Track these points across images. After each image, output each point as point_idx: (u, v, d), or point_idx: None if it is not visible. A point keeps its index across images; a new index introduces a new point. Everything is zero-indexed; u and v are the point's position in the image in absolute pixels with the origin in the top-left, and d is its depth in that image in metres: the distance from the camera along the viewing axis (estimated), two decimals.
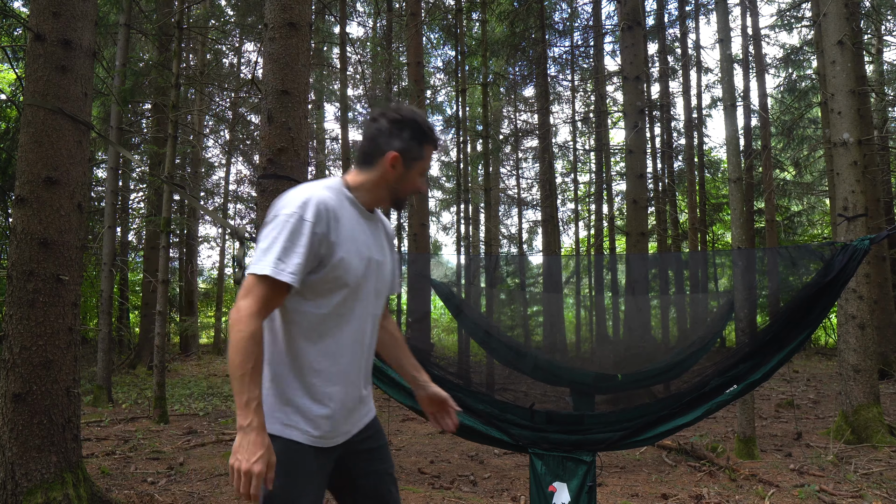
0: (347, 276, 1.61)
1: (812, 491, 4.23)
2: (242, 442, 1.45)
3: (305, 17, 4.91)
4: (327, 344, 1.63)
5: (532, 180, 21.59)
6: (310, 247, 1.54)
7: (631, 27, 8.51)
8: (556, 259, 5.50)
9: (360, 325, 1.69)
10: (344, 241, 1.61)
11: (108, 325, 8.53)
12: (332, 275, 1.60)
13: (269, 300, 1.53)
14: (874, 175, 10.34)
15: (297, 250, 1.53)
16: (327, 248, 1.58)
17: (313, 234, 1.55)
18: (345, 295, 1.63)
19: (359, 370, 1.72)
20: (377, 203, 1.74)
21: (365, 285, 1.68)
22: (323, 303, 1.61)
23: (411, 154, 1.69)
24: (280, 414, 1.61)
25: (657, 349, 3.51)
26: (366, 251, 1.68)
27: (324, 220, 1.57)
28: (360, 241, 1.67)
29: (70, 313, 3.36)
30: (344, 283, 1.61)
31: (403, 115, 1.69)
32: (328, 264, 1.59)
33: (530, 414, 2.51)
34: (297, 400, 1.62)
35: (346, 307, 1.64)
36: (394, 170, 1.69)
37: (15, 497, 3.07)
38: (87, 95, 3.53)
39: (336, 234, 1.60)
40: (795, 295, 2.47)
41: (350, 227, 1.64)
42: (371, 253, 1.70)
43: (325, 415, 1.63)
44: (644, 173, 8.68)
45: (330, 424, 1.65)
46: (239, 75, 16.34)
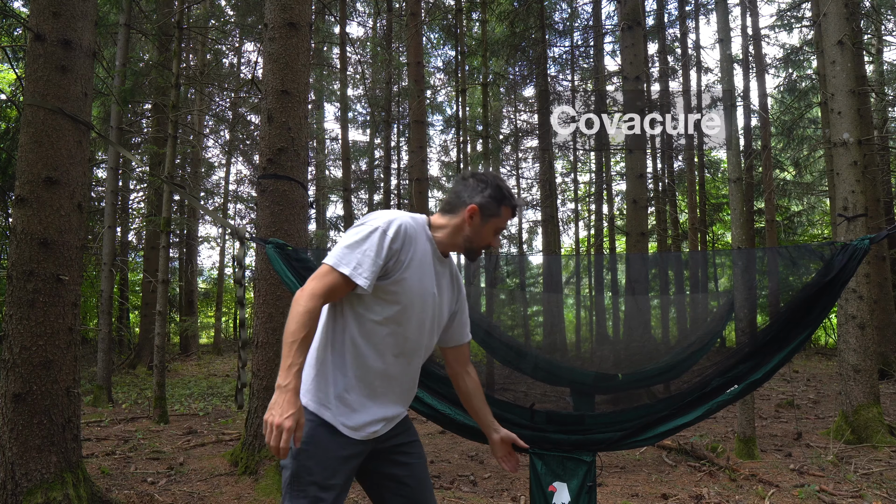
0: (403, 295, 1.79)
1: (812, 491, 4.23)
2: (278, 399, 1.59)
3: (305, 17, 4.91)
4: (372, 348, 1.80)
5: (532, 180, 21.59)
6: (384, 258, 1.74)
7: (631, 27, 8.51)
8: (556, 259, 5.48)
9: (405, 346, 1.84)
10: (411, 265, 1.80)
11: (108, 325, 8.53)
12: (391, 288, 1.77)
13: (333, 290, 1.72)
14: (874, 175, 10.34)
15: (374, 259, 1.72)
16: (395, 263, 1.77)
17: (390, 249, 1.74)
18: (397, 311, 1.79)
19: (396, 386, 1.86)
20: (451, 248, 1.93)
21: (420, 313, 1.84)
22: (377, 310, 1.79)
23: (489, 210, 1.88)
24: (321, 394, 1.78)
25: (657, 349, 3.51)
26: (430, 284, 1.86)
27: (401, 239, 1.77)
28: (427, 273, 1.85)
29: (70, 313, 3.36)
30: (397, 301, 1.78)
31: (488, 177, 1.91)
32: (391, 278, 1.77)
33: (530, 414, 2.51)
34: (335, 389, 1.78)
35: (397, 324, 1.80)
36: (471, 221, 1.88)
37: (15, 497, 3.08)
38: (87, 95, 3.53)
39: (406, 256, 1.79)
40: (796, 295, 2.47)
41: (421, 258, 1.83)
42: (434, 288, 1.88)
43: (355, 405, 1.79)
44: (644, 173, 8.68)
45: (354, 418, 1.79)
46: (239, 75, 16.34)
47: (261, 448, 4.49)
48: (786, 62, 15.11)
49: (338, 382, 1.78)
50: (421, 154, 11.58)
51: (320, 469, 1.73)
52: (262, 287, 4.61)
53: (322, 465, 1.73)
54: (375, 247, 1.72)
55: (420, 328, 1.86)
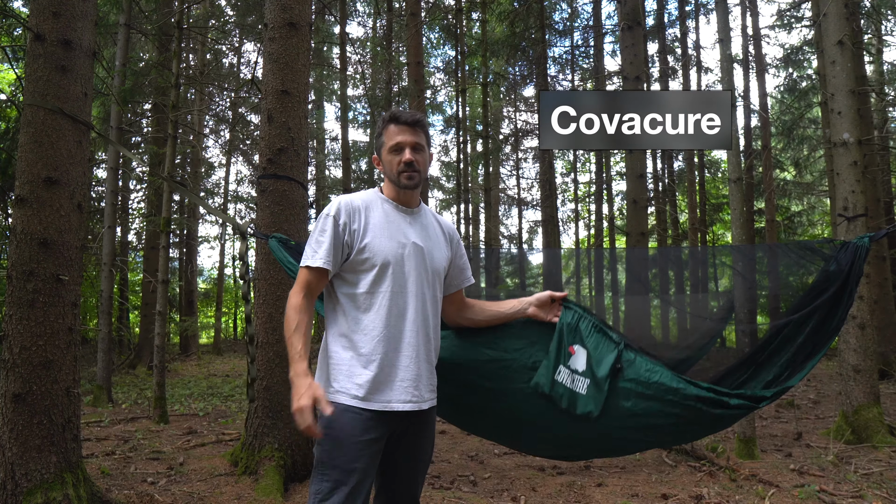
0: (375, 256, 1.91)
1: (812, 491, 4.23)
2: (293, 389, 1.75)
3: (305, 17, 4.91)
4: (370, 316, 1.90)
5: (532, 180, 21.60)
6: (334, 236, 1.90)
7: (631, 27, 8.51)
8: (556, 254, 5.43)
9: (404, 301, 1.92)
10: (369, 229, 1.93)
11: (108, 325, 8.53)
12: (362, 256, 1.91)
13: (307, 283, 1.91)
14: (874, 175, 10.34)
15: (323, 240, 1.90)
16: (351, 235, 1.92)
17: (336, 226, 1.91)
18: (377, 273, 1.91)
19: (409, 341, 1.91)
20: (399, 194, 2.03)
21: (404, 266, 1.93)
22: (361, 282, 1.92)
23: (378, 149, 2.06)
24: (336, 382, 1.88)
25: (657, 349, 3.50)
26: (401, 237, 1.96)
27: (344, 213, 1.93)
28: (395, 228, 1.96)
29: (70, 313, 3.36)
30: (373, 263, 1.91)
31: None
32: (355, 247, 1.92)
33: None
34: (345, 366, 1.88)
35: (383, 284, 1.91)
36: (381, 166, 2.06)
37: (15, 497, 3.07)
38: (87, 95, 3.53)
39: (359, 224, 1.93)
40: (798, 295, 2.45)
41: (380, 219, 1.97)
42: (410, 238, 1.97)
43: (369, 377, 1.86)
44: (644, 173, 8.69)
45: (373, 385, 1.86)
46: (239, 75, 16.34)
47: (261, 448, 4.49)
48: (786, 62, 15.11)
49: (351, 364, 1.88)
50: None
51: (342, 454, 1.80)
52: (262, 287, 4.61)
53: (344, 449, 1.80)
54: (325, 230, 1.91)
55: (411, 279, 1.94)
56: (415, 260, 1.95)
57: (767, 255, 2.82)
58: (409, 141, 1.98)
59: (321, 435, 1.76)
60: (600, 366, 2.14)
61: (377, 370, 1.86)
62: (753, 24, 14.00)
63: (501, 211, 23.33)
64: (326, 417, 1.77)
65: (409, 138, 1.98)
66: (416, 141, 1.98)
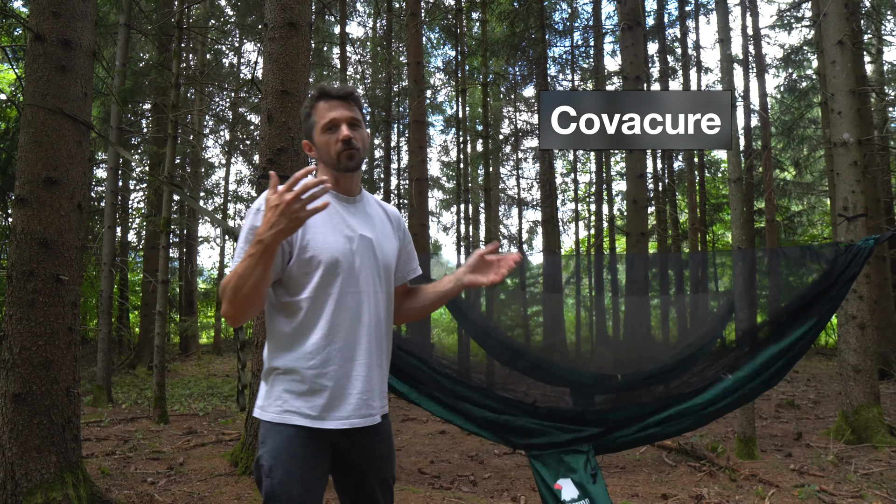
0: (320, 255, 1.66)
1: (812, 491, 4.23)
2: (263, 220, 1.49)
3: (305, 17, 4.91)
4: (320, 324, 1.66)
5: (532, 180, 21.59)
6: None
7: (631, 27, 8.51)
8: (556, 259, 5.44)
9: (357, 303, 1.70)
10: (312, 226, 1.66)
11: (108, 325, 8.53)
12: (303, 258, 1.66)
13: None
14: (874, 175, 10.34)
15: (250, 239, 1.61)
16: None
17: None
18: (323, 275, 1.67)
19: (364, 348, 1.70)
20: (340, 181, 1.79)
21: (352, 264, 1.70)
22: (306, 288, 1.67)
23: (307, 131, 1.81)
24: (279, 401, 1.66)
25: (657, 349, 3.51)
26: (346, 230, 1.72)
27: None
28: (336, 221, 1.72)
29: (70, 313, 3.36)
30: (319, 262, 1.66)
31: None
32: (297, 248, 1.66)
33: (532, 410, 2.51)
34: (293, 384, 1.65)
35: (332, 287, 1.68)
36: (312, 151, 1.81)
37: (15, 497, 3.07)
38: (87, 95, 3.53)
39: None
40: (798, 295, 2.46)
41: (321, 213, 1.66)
42: (356, 231, 1.74)
43: (323, 394, 1.64)
44: (644, 173, 8.69)
45: (328, 402, 1.65)
46: (239, 75, 16.34)
47: None
48: (786, 62, 15.11)
49: (301, 380, 1.65)
50: (421, 154, 11.58)
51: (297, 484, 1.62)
52: None
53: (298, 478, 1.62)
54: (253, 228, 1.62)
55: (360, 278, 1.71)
56: (365, 255, 1.73)
57: (770, 258, 2.82)
58: (345, 116, 1.74)
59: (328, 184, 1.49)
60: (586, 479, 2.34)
61: (332, 384, 1.65)
62: (753, 24, 14.00)
63: (501, 211, 23.33)
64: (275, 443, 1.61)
65: (344, 113, 1.74)
66: (351, 115, 1.75)
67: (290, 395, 1.65)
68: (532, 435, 2.42)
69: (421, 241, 11.01)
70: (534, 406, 2.53)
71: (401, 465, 5.21)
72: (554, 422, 2.47)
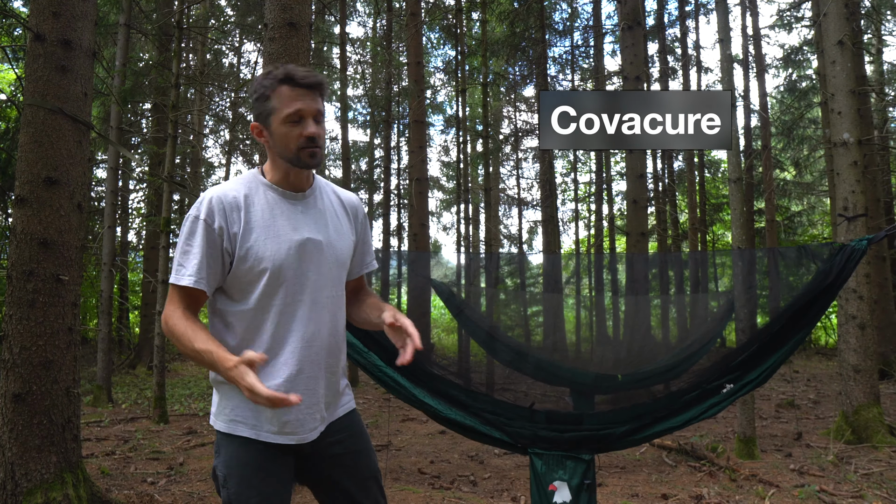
0: (263, 262, 1.55)
1: (812, 491, 4.23)
2: (234, 379, 1.40)
3: (305, 17, 4.91)
4: (263, 338, 1.57)
5: (532, 180, 21.59)
6: (207, 244, 1.53)
7: (631, 27, 8.51)
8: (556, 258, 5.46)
9: (304, 312, 1.60)
10: (254, 229, 1.56)
11: (108, 325, 8.53)
12: (244, 266, 1.55)
13: (185, 303, 1.55)
14: (874, 175, 10.34)
15: (194, 251, 1.52)
16: (230, 240, 1.55)
17: (208, 230, 1.53)
18: (267, 283, 1.56)
19: (313, 360, 1.62)
20: (290, 176, 1.64)
21: (297, 269, 1.59)
22: (249, 297, 1.57)
23: (262, 114, 1.59)
24: (227, 411, 1.61)
25: (657, 349, 3.51)
26: (292, 233, 1.59)
27: (217, 213, 1.54)
28: (282, 224, 1.59)
29: (70, 313, 3.36)
30: (262, 270, 1.55)
31: (254, 83, 1.61)
32: (238, 256, 1.55)
33: (530, 413, 2.52)
34: (238, 396, 1.57)
35: (276, 296, 1.57)
36: (264, 138, 1.62)
37: (15, 497, 3.07)
38: (87, 95, 3.53)
39: (240, 225, 1.55)
40: (796, 295, 2.47)
41: (264, 213, 1.58)
42: (303, 234, 1.61)
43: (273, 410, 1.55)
44: (644, 173, 8.68)
45: (278, 420, 1.57)
46: (239, 75, 16.34)
47: None
48: (786, 62, 15.11)
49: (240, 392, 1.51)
50: (421, 154, 11.58)
51: (251, 491, 1.56)
52: None
53: (251, 491, 1.56)
54: (193, 236, 1.52)
55: (309, 283, 1.61)
56: (312, 259, 1.61)
57: (768, 258, 2.83)
58: (312, 109, 1.57)
59: (295, 399, 1.38)
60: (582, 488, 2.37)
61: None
62: (753, 24, 14.00)
63: (501, 211, 23.32)
64: (227, 453, 1.58)
65: (311, 105, 1.57)
66: (318, 109, 1.58)
67: (236, 406, 1.59)
68: (532, 438, 2.43)
69: (421, 241, 11.01)
70: (532, 410, 2.54)
71: (401, 464, 5.21)
72: (552, 425, 2.48)
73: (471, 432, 2.52)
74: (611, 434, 2.42)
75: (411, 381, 2.58)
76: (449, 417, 2.52)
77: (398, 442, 6.23)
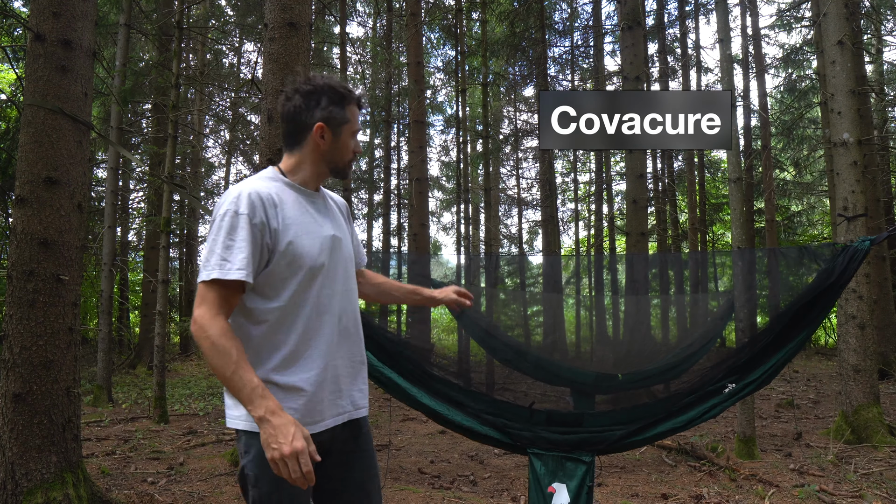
0: (303, 259, 1.59)
1: (812, 491, 4.23)
2: (269, 430, 1.41)
3: (305, 17, 4.91)
4: (296, 331, 1.60)
5: (532, 180, 21.60)
6: (252, 239, 1.53)
7: (631, 27, 8.51)
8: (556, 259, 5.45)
9: (334, 305, 1.67)
10: (291, 226, 1.60)
11: (108, 325, 8.53)
12: (284, 261, 1.58)
13: (223, 302, 1.51)
14: (874, 175, 10.34)
15: (238, 245, 1.51)
16: (271, 236, 1.57)
17: (252, 226, 1.53)
18: (303, 279, 1.60)
19: (338, 350, 1.68)
20: (318, 179, 1.74)
21: (328, 264, 1.66)
22: (283, 293, 1.59)
23: (336, 119, 1.68)
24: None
25: (657, 349, 3.51)
26: (321, 230, 1.66)
27: (259, 209, 1.55)
28: (310, 221, 1.65)
29: (70, 313, 3.36)
30: (300, 267, 1.59)
31: (315, 84, 1.67)
32: (278, 252, 1.57)
33: (529, 413, 2.51)
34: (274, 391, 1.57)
35: (310, 291, 1.62)
36: (324, 140, 1.68)
37: (15, 497, 3.07)
38: (87, 95, 3.53)
39: (278, 221, 1.58)
40: (797, 296, 2.47)
41: (295, 210, 1.63)
42: (328, 231, 1.69)
43: (303, 402, 1.59)
44: (644, 173, 8.68)
45: (307, 408, 1.61)
46: (239, 75, 16.35)
47: None
48: (786, 62, 15.11)
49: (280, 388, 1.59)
50: (421, 154, 11.58)
51: (282, 493, 1.58)
52: None
53: (283, 489, 1.57)
54: (236, 231, 1.52)
55: (336, 279, 1.69)
56: (337, 254, 1.70)
57: (768, 258, 2.82)
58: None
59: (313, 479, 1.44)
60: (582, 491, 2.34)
61: (313, 390, 1.60)
62: (753, 24, 14.00)
63: (501, 211, 23.33)
64: (260, 456, 1.53)
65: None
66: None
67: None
68: (532, 438, 2.42)
69: (421, 241, 11.01)
70: (531, 410, 2.53)
71: (401, 464, 5.22)
72: (552, 426, 2.47)
73: (470, 433, 2.51)
74: (611, 435, 2.40)
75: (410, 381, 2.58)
76: (448, 417, 2.52)
77: (398, 442, 6.23)
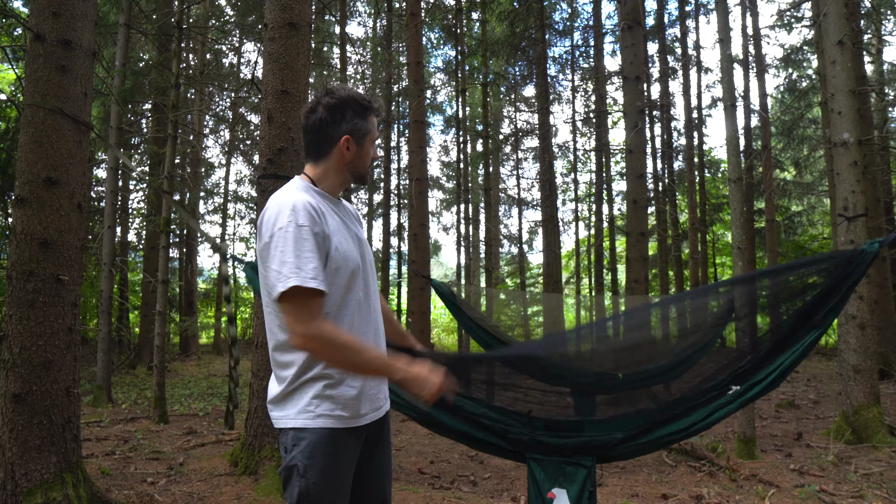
0: (348, 261, 1.70)
1: (812, 491, 4.23)
2: (417, 378, 1.68)
3: (305, 17, 4.91)
4: (346, 329, 1.70)
5: (532, 180, 21.61)
6: (317, 248, 1.62)
7: (631, 27, 8.51)
8: (556, 259, 5.42)
9: (370, 303, 1.80)
10: (334, 233, 1.70)
11: (108, 325, 8.52)
12: (333, 265, 1.67)
13: (311, 310, 1.59)
14: (874, 175, 10.33)
15: (307, 255, 1.59)
16: (326, 241, 1.66)
17: (315, 235, 1.62)
18: (348, 279, 1.70)
19: (376, 345, 1.81)
20: (342, 187, 1.85)
21: (363, 264, 1.78)
22: (333, 294, 1.68)
23: (360, 131, 1.79)
24: (310, 407, 1.67)
25: (657, 349, 3.51)
26: (352, 234, 1.79)
27: (315, 218, 1.65)
28: (344, 227, 1.77)
29: (70, 313, 3.36)
30: (346, 269, 1.70)
31: (339, 97, 1.76)
32: (330, 256, 1.67)
33: (527, 420, 2.47)
34: (324, 388, 1.67)
35: (354, 291, 1.73)
36: (349, 151, 1.78)
37: (15, 497, 3.07)
38: (87, 95, 3.53)
39: (327, 227, 1.68)
40: (798, 296, 2.45)
41: (332, 217, 1.74)
42: (357, 235, 1.82)
43: (352, 395, 1.70)
44: (644, 173, 8.68)
45: (359, 402, 1.72)
46: (239, 75, 16.35)
47: (261, 448, 4.49)
48: (786, 62, 15.12)
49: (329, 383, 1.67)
50: (421, 154, 11.58)
51: (333, 487, 1.66)
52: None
53: (335, 481, 1.66)
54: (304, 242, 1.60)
55: (370, 278, 1.82)
56: (366, 255, 1.83)
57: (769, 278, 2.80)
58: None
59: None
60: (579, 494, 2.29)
61: (360, 383, 1.71)
62: (753, 24, 14.00)
63: (501, 211, 23.34)
64: (310, 448, 1.64)
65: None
66: None
67: (321, 400, 1.67)
68: (531, 443, 2.39)
69: (421, 241, 11.01)
70: (529, 416, 2.49)
71: (401, 464, 5.22)
72: (552, 432, 2.43)
73: (468, 438, 2.49)
74: (614, 438, 2.36)
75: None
76: (443, 423, 2.49)
77: (398, 442, 6.23)
